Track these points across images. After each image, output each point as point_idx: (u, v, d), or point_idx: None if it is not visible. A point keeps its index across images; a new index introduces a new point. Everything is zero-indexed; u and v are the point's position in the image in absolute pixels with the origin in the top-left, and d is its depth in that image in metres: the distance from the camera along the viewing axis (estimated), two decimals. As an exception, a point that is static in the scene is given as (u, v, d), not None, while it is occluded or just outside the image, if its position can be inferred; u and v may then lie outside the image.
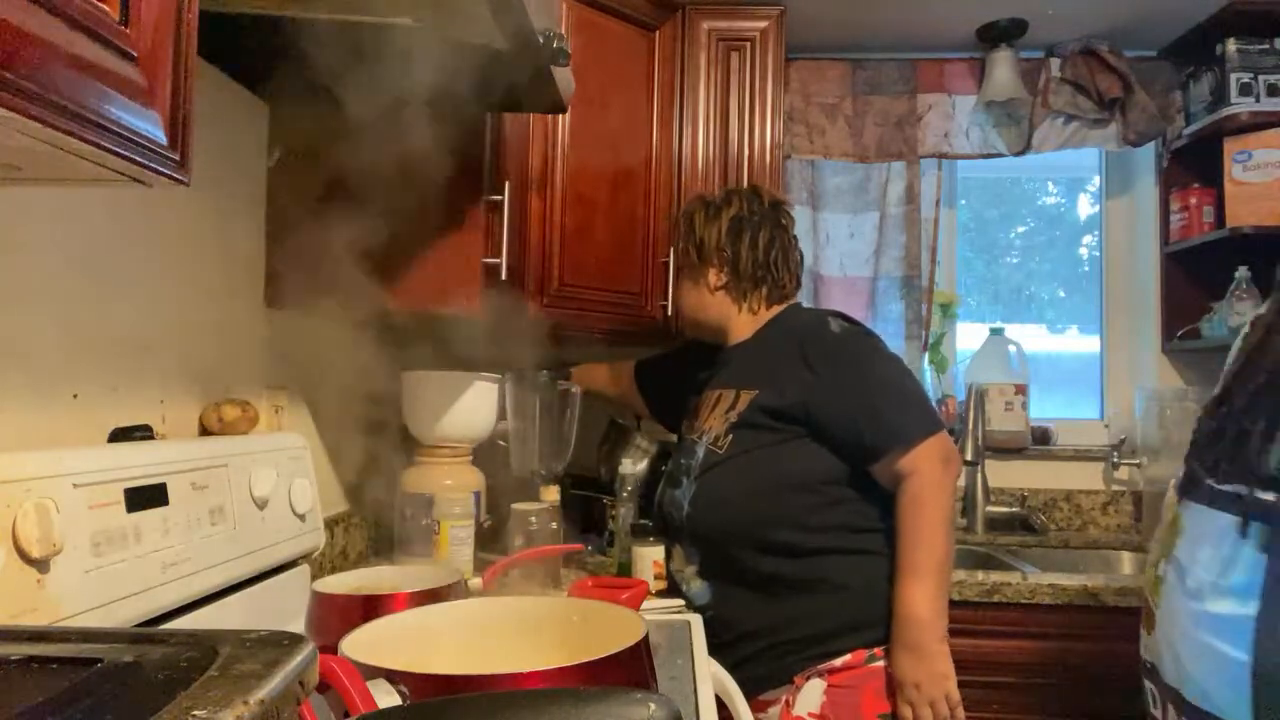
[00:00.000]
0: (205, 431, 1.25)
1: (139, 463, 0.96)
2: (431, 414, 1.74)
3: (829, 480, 1.43)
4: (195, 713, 0.38)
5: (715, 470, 1.47)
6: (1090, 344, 2.76)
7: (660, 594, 1.72)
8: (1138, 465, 2.49)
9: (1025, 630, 1.88)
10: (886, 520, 1.42)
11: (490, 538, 1.78)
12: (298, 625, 1.12)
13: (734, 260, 1.59)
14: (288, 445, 1.31)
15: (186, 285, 1.24)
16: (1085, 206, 2.91)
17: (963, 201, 2.82)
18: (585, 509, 2.14)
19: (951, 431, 1.73)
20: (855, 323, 1.52)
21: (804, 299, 2.63)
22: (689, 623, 1.40)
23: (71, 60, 0.54)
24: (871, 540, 1.43)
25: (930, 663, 1.34)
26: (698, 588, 1.51)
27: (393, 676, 0.74)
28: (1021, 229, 2.97)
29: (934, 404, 1.41)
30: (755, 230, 1.59)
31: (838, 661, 1.39)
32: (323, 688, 0.68)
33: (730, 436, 1.47)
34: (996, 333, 2.64)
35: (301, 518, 1.30)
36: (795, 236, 1.66)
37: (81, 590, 0.84)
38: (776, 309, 1.60)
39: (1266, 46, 2.29)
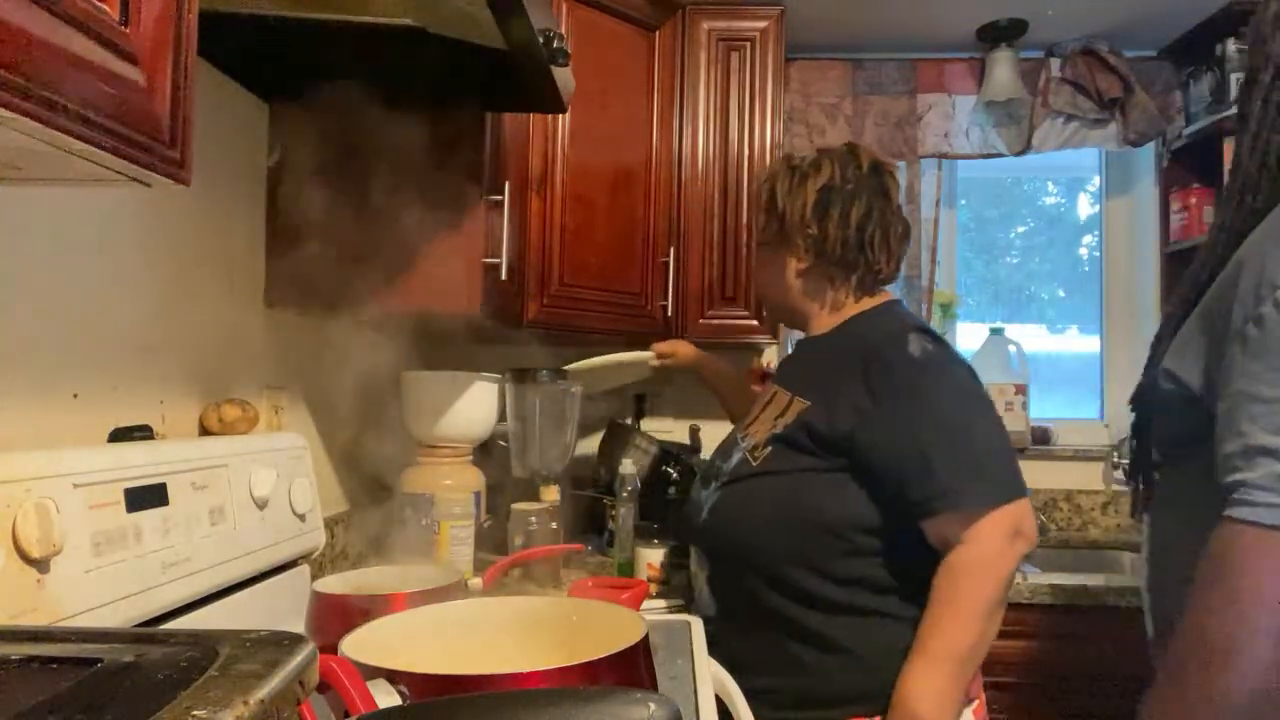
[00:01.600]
0: (205, 431, 1.25)
1: (139, 463, 0.96)
2: (431, 414, 1.74)
3: (861, 528, 1.21)
4: (195, 713, 0.38)
5: (742, 484, 1.29)
6: (1090, 344, 2.76)
7: (660, 595, 1.72)
8: (1138, 465, 2.49)
9: (1025, 630, 1.89)
10: (915, 579, 1.19)
11: (490, 538, 1.78)
12: (298, 625, 1.12)
13: (820, 240, 1.32)
14: (288, 445, 1.31)
15: (186, 285, 1.24)
16: (1085, 206, 2.91)
17: (963, 201, 2.82)
18: (585, 509, 2.14)
19: None
20: (944, 345, 1.25)
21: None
22: (689, 623, 1.40)
23: (71, 60, 0.54)
24: (891, 603, 1.22)
25: None
26: (706, 598, 1.38)
27: (393, 676, 0.74)
28: (1021, 229, 2.97)
29: (1015, 463, 1.18)
30: (848, 202, 1.31)
31: None
32: (323, 688, 0.68)
33: (768, 450, 1.27)
34: (996, 333, 2.64)
35: (301, 518, 1.30)
36: (900, 206, 1.37)
37: (81, 590, 0.84)
38: (866, 303, 1.35)
39: (1266, 46, 2.28)
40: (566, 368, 1.83)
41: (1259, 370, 0.82)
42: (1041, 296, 2.90)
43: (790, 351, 1.49)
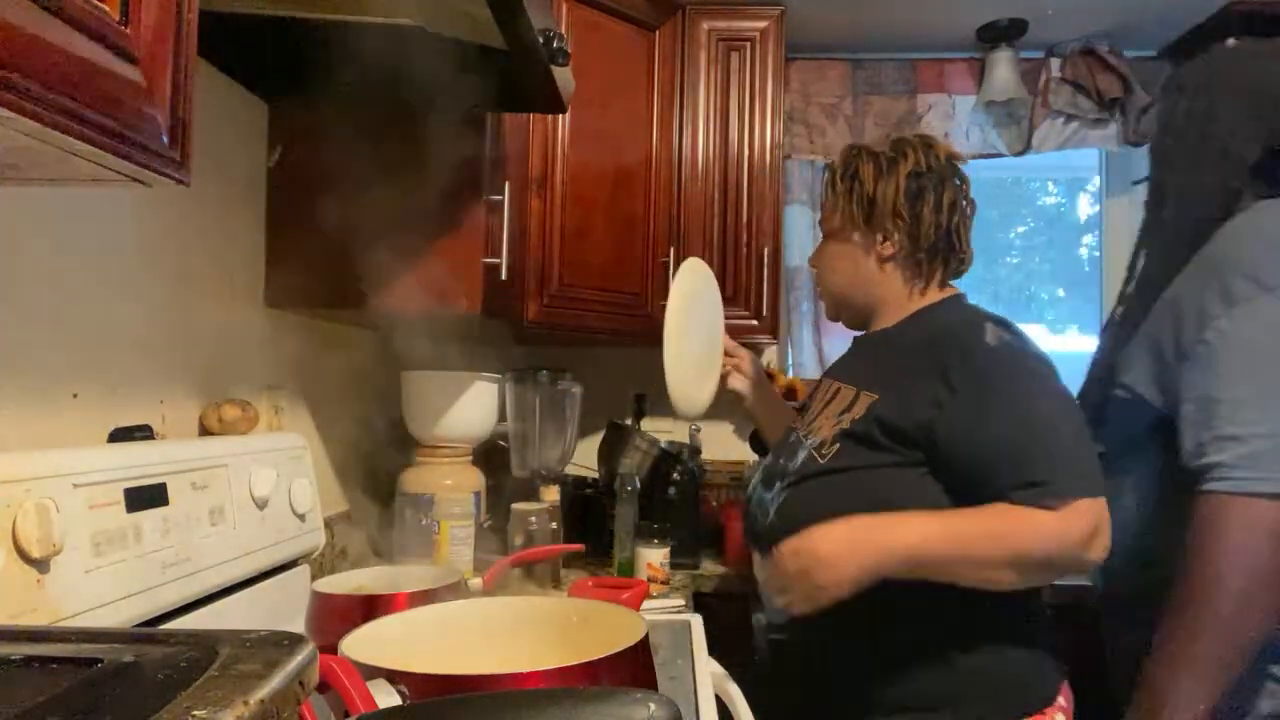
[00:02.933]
0: (205, 431, 1.25)
1: (139, 463, 0.96)
2: (431, 414, 1.74)
3: None
4: (195, 713, 0.38)
5: (811, 482, 1.21)
6: (1090, 344, 2.75)
7: (660, 595, 1.72)
8: (1138, 465, 2.50)
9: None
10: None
11: (490, 538, 1.78)
12: (298, 625, 1.12)
13: (914, 226, 1.26)
14: (288, 445, 1.30)
15: (186, 285, 1.24)
16: (1085, 206, 2.91)
17: (963, 201, 2.82)
18: (585, 509, 2.14)
19: None
20: (1019, 335, 1.20)
21: (803, 300, 2.65)
22: (689, 623, 1.40)
23: (71, 60, 0.54)
24: (981, 608, 1.13)
25: (837, 560, 1.08)
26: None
27: (393, 676, 0.74)
28: (1021, 229, 2.97)
29: (1097, 459, 1.12)
30: (938, 189, 1.27)
31: None
32: (323, 688, 0.68)
33: (837, 446, 1.20)
34: (996, 333, 2.63)
35: (301, 518, 1.30)
36: (973, 202, 1.32)
37: (81, 590, 0.84)
38: (933, 295, 1.30)
39: (1266, 46, 2.29)
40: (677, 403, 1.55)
41: (1212, 380, 1.09)
42: (1041, 297, 2.90)
43: (850, 347, 1.41)
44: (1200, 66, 1.26)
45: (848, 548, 1.08)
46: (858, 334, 1.39)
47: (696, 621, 1.41)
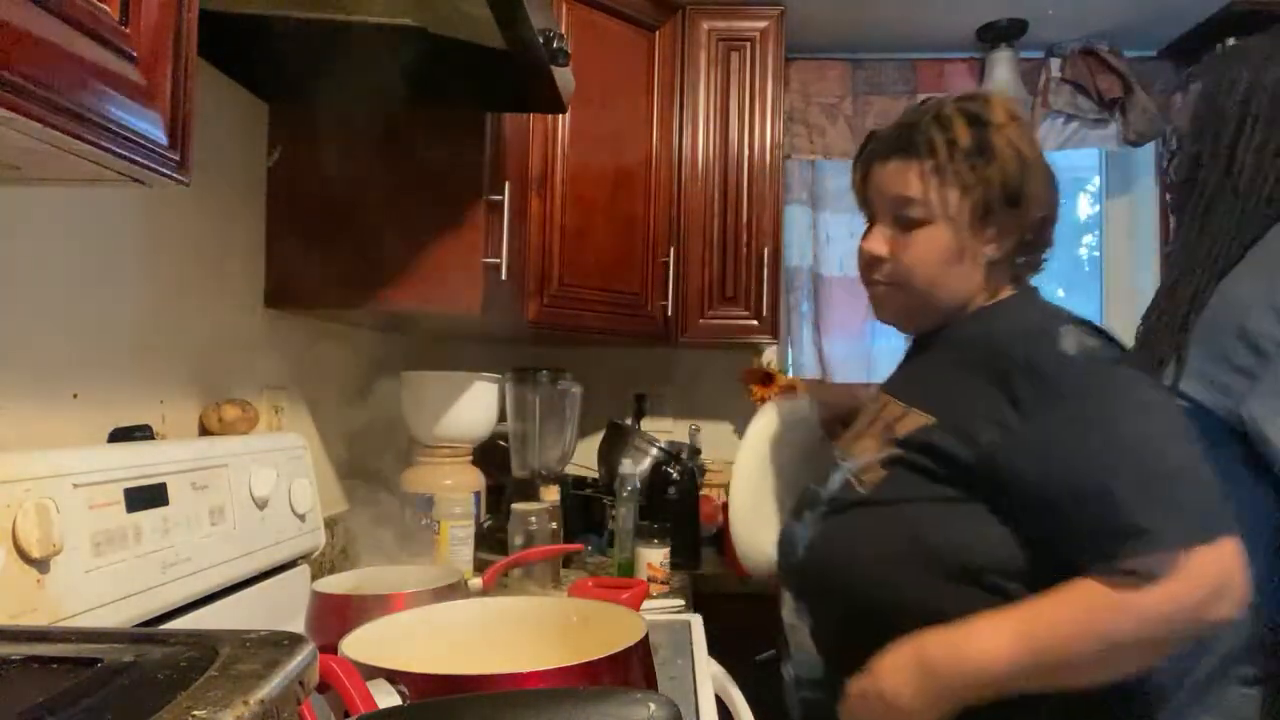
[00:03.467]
0: (205, 431, 1.25)
1: (139, 463, 0.96)
2: (431, 414, 1.74)
3: (1005, 573, 0.93)
4: (195, 713, 0.38)
5: (847, 515, 1.02)
6: (1090, 344, 2.76)
7: (660, 595, 1.72)
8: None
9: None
10: None
11: (490, 538, 1.78)
12: (298, 625, 1.12)
13: (1020, 218, 1.03)
14: (288, 445, 1.30)
15: (186, 285, 1.24)
16: (1085, 206, 2.91)
17: (963, 201, 2.82)
18: (585, 509, 2.14)
19: None
20: (1107, 338, 0.97)
21: (803, 300, 2.65)
22: (689, 623, 1.40)
23: (71, 60, 0.54)
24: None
25: (913, 713, 0.91)
26: (809, 657, 1.07)
27: (393, 676, 0.74)
28: (1021, 229, 2.97)
29: (1216, 491, 0.88)
30: (1047, 174, 1.07)
31: None
32: (323, 688, 0.68)
33: (881, 472, 1.01)
34: (996, 333, 2.63)
35: (301, 518, 1.30)
36: None
37: (81, 590, 0.84)
38: (1005, 292, 1.08)
39: (1266, 46, 2.29)
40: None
41: None
42: (1041, 296, 2.90)
43: (905, 355, 1.20)
44: (1266, 41, 1.18)
45: (922, 697, 0.90)
46: (909, 338, 1.18)
47: (696, 621, 1.41)
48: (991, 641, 0.88)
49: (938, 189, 1.03)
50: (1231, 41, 2.29)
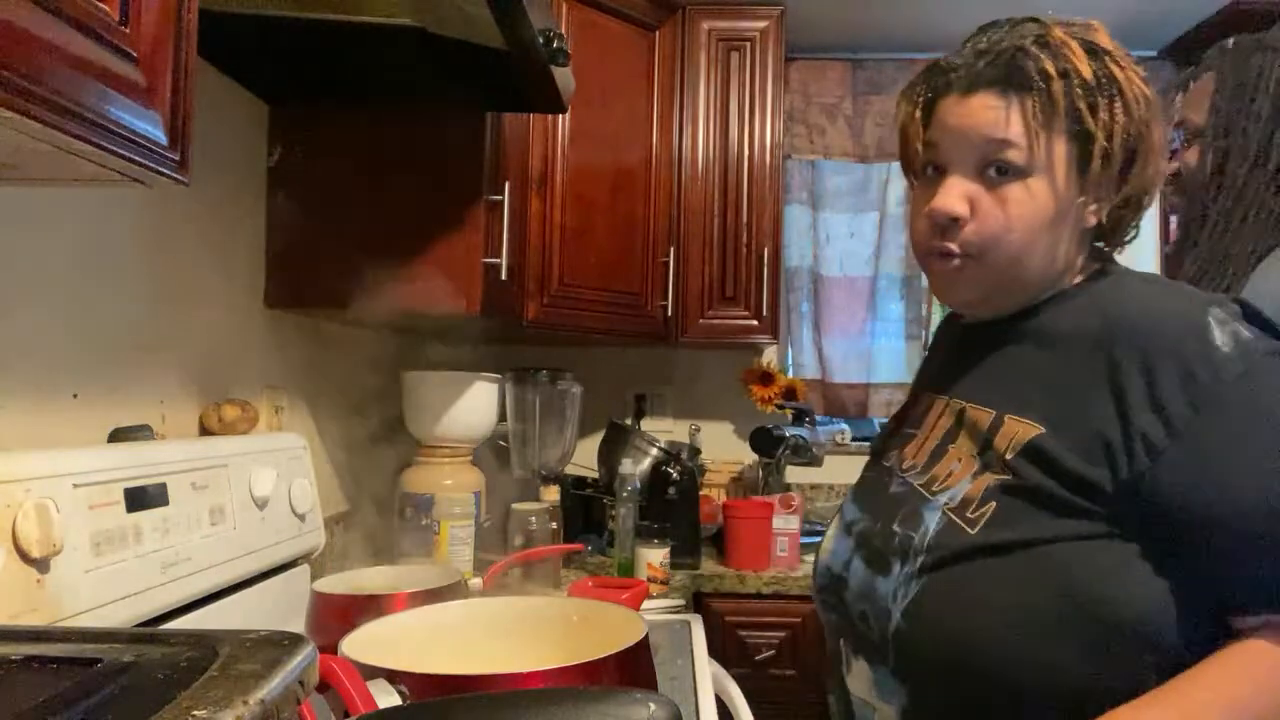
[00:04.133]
0: (205, 431, 1.25)
1: (139, 463, 0.96)
2: (431, 414, 1.74)
3: (1169, 625, 0.75)
4: (195, 713, 0.38)
5: (961, 568, 0.79)
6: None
7: (660, 595, 1.72)
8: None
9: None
10: None
11: (490, 538, 1.78)
12: (298, 625, 1.12)
13: (1136, 177, 0.84)
14: (288, 445, 1.30)
15: (186, 285, 1.24)
16: (1085, 206, 2.91)
17: (963, 201, 2.82)
18: (585, 509, 2.14)
19: None
20: (1261, 321, 0.78)
21: (803, 300, 2.65)
22: (689, 623, 1.40)
23: (71, 60, 0.54)
24: None
25: None
26: None
27: (393, 676, 0.74)
28: (1021, 229, 2.97)
29: None
30: (1168, 124, 0.88)
31: None
32: (323, 688, 0.68)
33: (991, 506, 0.79)
34: (996, 333, 2.63)
35: (301, 518, 1.30)
36: None
37: (81, 590, 0.84)
38: (1090, 266, 0.89)
39: (1266, 46, 2.29)
40: None
41: None
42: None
43: (946, 343, 0.99)
44: None
45: None
46: (972, 324, 0.94)
47: (696, 621, 1.41)
48: None
49: (1045, 132, 0.81)
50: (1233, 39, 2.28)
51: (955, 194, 0.83)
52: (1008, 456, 0.80)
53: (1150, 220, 2.56)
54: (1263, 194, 1.11)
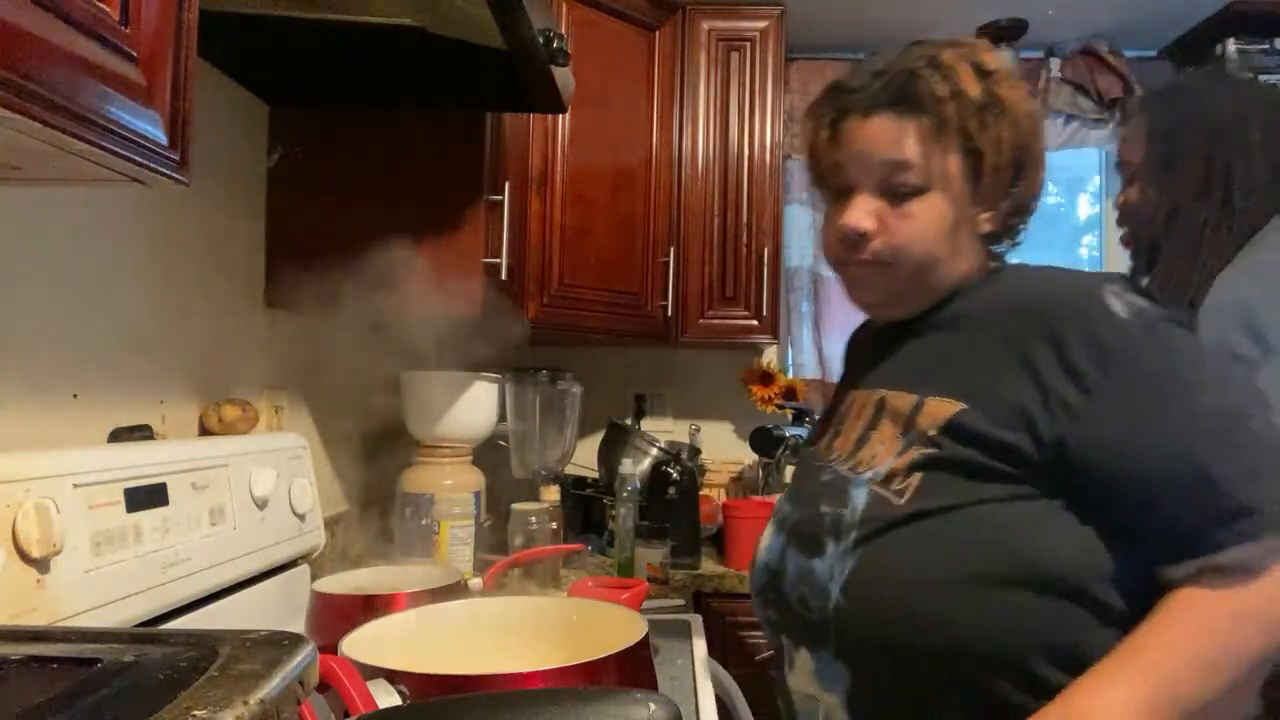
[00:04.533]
0: (205, 431, 1.25)
1: (139, 463, 0.96)
2: (431, 414, 1.74)
3: (1101, 579, 0.77)
4: (195, 713, 0.38)
5: (896, 534, 0.81)
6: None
7: (660, 595, 1.72)
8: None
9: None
10: None
11: (490, 538, 1.78)
12: (298, 625, 1.12)
13: (1024, 185, 0.91)
14: (288, 445, 1.30)
15: (186, 285, 1.24)
16: (1085, 206, 2.91)
17: (963, 201, 2.82)
18: (585, 509, 2.14)
19: None
20: (1151, 296, 0.83)
21: (803, 300, 2.65)
22: (689, 623, 1.40)
23: (71, 60, 0.54)
24: None
25: None
26: None
27: (393, 676, 0.74)
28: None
29: None
30: (1039, 127, 0.92)
31: None
32: (323, 688, 0.68)
33: (916, 476, 0.82)
34: (996, 333, 2.63)
35: (301, 518, 1.30)
36: None
37: (81, 590, 0.84)
38: (988, 266, 0.94)
39: (1266, 46, 2.29)
40: None
41: None
42: (1041, 296, 2.90)
43: (870, 342, 1.02)
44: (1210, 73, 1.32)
45: None
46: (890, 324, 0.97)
47: (696, 621, 1.41)
48: (1110, 686, 0.72)
49: (940, 151, 0.87)
50: (1232, 42, 2.29)
51: (863, 211, 0.89)
52: (930, 433, 0.83)
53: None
54: (1213, 221, 1.23)
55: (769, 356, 2.62)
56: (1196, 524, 0.74)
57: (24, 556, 0.78)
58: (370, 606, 1.05)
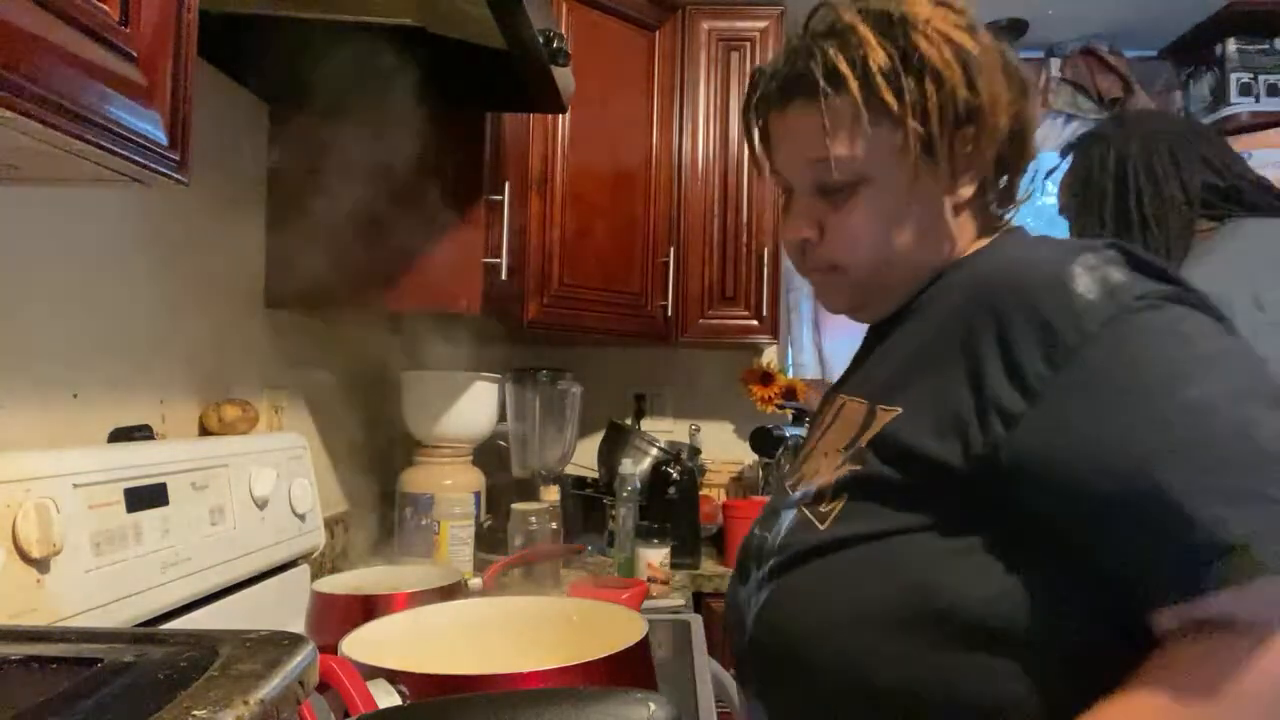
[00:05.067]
0: (205, 431, 1.25)
1: (139, 463, 0.96)
2: (431, 414, 1.74)
3: (1022, 624, 0.62)
4: (195, 713, 0.38)
5: (807, 567, 0.71)
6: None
7: (660, 595, 1.72)
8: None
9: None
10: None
11: (490, 538, 1.78)
12: (298, 625, 1.12)
13: (982, 136, 0.75)
14: (288, 445, 1.30)
15: (186, 285, 1.24)
16: (1085, 206, 2.91)
17: (963, 201, 2.82)
18: (585, 509, 2.14)
19: None
20: (1147, 268, 0.66)
21: (803, 300, 2.65)
22: (689, 623, 1.40)
23: (71, 60, 0.54)
24: None
25: None
26: None
27: (393, 676, 0.74)
28: (1021, 229, 2.97)
29: None
30: (1002, 63, 0.77)
31: None
32: (323, 688, 0.68)
33: (842, 500, 0.71)
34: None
35: (301, 518, 1.30)
36: None
37: (81, 590, 0.84)
38: (982, 242, 0.79)
39: (1266, 46, 2.30)
40: None
41: None
42: (1041, 296, 2.90)
43: (863, 342, 0.90)
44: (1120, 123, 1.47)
45: None
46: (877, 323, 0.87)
47: (696, 621, 1.41)
48: None
49: (863, 134, 0.73)
50: (1232, 42, 2.29)
51: (800, 220, 0.79)
52: (861, 445, 0.71)
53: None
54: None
55: (769, 356, 2.62)
56: (1156, 567, 0.57)
57: (24, 556, 0.78)
58: (370, 606, 1.05)
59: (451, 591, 1.14)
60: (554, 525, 1.72)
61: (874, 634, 0.66)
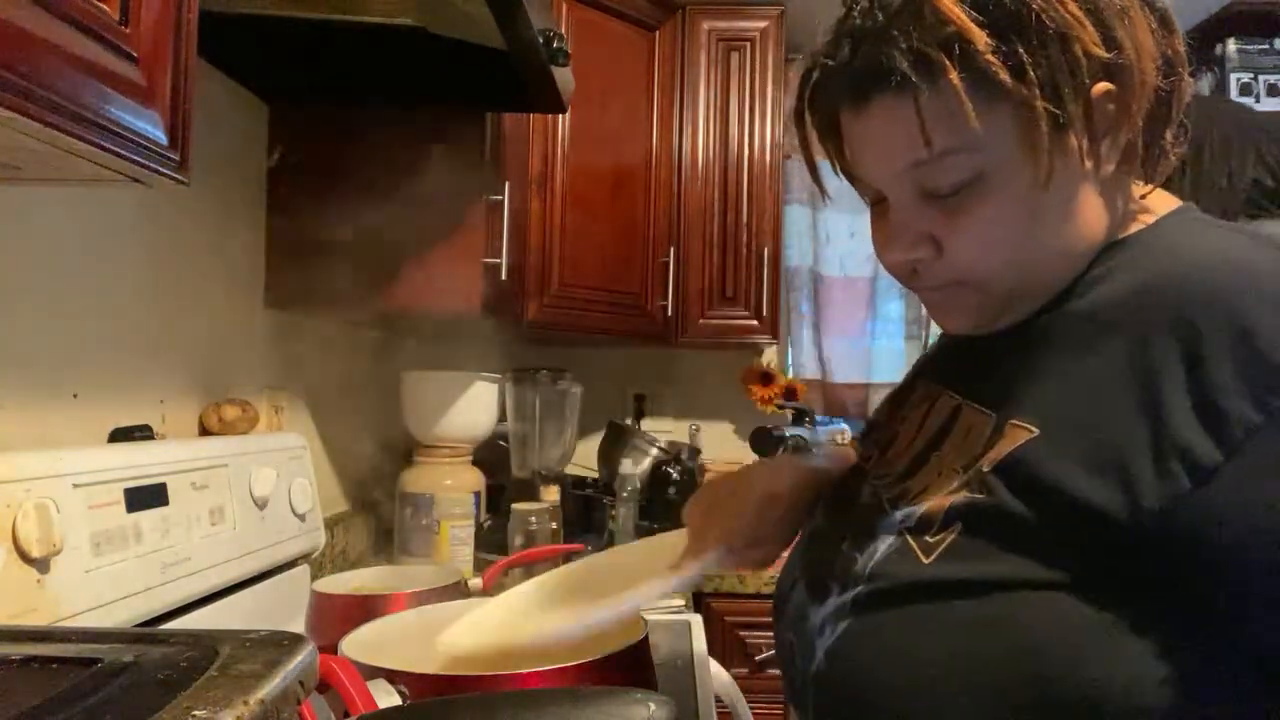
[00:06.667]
0: (205, 431, 1.25)
1: (139, 463, 0.96)
2: (431, 414, 1.74)
3: (1158, 713, 0.51)
4: (195, 713, 0.38)
5: (904, 611, 0.59)
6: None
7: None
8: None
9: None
10: None
11: (490, 538, 1.78)
12: (298, 625, 1.12)
13: (1126, 93, 0.61)
14: (288, 445, 1.30)
15: (186, 285, 1.24)
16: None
17: (963, 201, 2.82)
18: (585, 509, 2.14)
19: None
20: None
21: (803, 300, 2.65)
22: (689, 623, 1.40)
23: (71, 60, 0.54)
24: None
25: None
26: None
27: (393, 676, 0.74)
28: (1021, 229, 2.97)
29: None
30: (1139, 3, 0.66)
31: None
32: (323, 688, 0.68)
33: (954, 532, 0.58)
34: (996, 333, 2.63)
35: (301, 518, 1.30)
36: None
37: (81, 590, 0.84)
38: (1137, 223, 0.64)
39: (1266, 46, 2.30)
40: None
41: None
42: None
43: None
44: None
45: None
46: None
47: (696, 621, 1.41)
48: None
49: (969, 123, 0.57)
50: (1232, 42, 2.29)
51: (906, 240, 0.64)
52: (984, 468, 0.58)
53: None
54: None
55: (769, 356, 2.62)
56: None
57: (24, 556, 0.78)
58: (370, 606, 1.05)
59: (451, 591, 1.13)
60: (554, 525, 1.72)
61: (977, 708, 0.54)
